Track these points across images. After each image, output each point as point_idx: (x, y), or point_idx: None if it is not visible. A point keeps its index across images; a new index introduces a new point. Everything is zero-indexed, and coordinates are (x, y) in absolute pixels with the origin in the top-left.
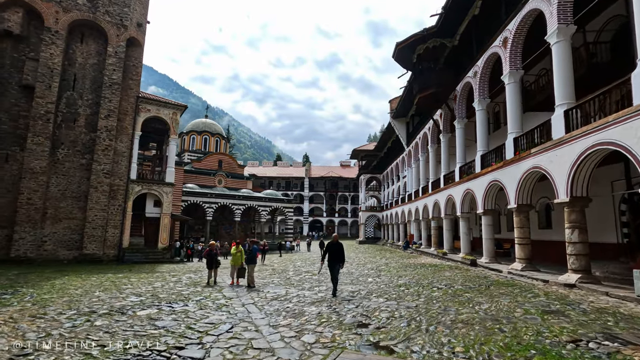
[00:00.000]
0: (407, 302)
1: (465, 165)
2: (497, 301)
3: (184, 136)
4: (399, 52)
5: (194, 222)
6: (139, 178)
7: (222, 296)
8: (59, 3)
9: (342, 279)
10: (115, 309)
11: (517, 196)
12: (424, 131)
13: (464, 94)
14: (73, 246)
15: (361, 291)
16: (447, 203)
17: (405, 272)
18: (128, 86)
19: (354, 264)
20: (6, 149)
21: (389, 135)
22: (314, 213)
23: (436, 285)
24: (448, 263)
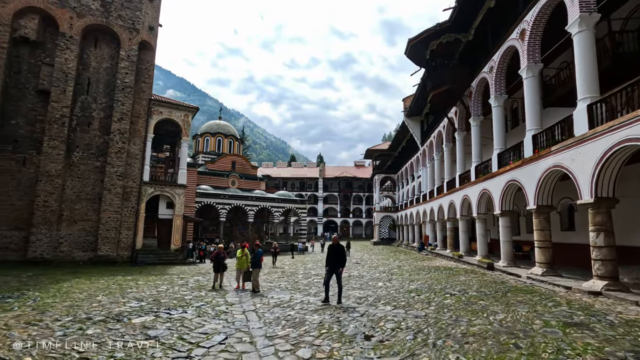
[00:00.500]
0: (416, 310)
1: (481, 164)
2: (514, 310)
3: (198, 138)
4: (412, 49)
5: (208, 224)
6: (152, 180)
7: (224, 302)
8: (73, 9)
9: (351, 282)
10: (112, 316)
11: (536, 196)
12: (439, 129)
13: (479, 91)
14: (88, 247)
15: (369, 297)
16: (463, 204)
17: (418, 276)
18: (140, 89)
19: (366, 266)
20: (24, 152)
21: (403, 135)
22: (328, 214)
23: (449, 291)
24: (463, 266)
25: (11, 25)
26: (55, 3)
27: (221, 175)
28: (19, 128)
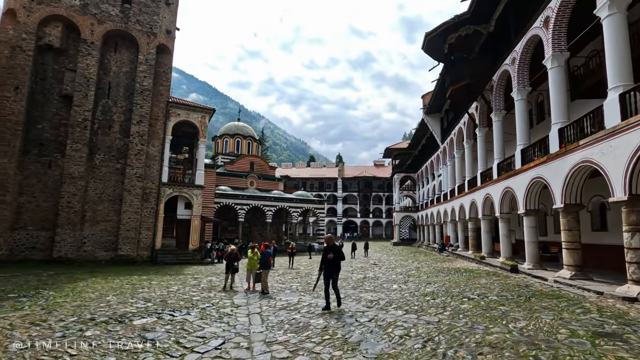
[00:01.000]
0: (429, 315)
1: (503, 161)
2: (537, 318)
3: (218, 139)
4: (429, 43)
5: (228, 224)
6: (170, 181)
7: (231, 304)
8: (94, 15)
9: (365, 285)
10: (115, 317)
11: (563, 194)
12: (459, 126)
13: (501, 84)
14: (109, 247)
15: (380, 300)
16: (485, 203)
17: (436, 278)
18: (159, 92)
19: (383, 267)
20: (49, 155)
21: (423, 132)
22: (348, 214)
23: (467, 295)
24: (485, 268)
25: (36, 34)
26: (77, 10)
27: (240, 176)
28: (44, 132)
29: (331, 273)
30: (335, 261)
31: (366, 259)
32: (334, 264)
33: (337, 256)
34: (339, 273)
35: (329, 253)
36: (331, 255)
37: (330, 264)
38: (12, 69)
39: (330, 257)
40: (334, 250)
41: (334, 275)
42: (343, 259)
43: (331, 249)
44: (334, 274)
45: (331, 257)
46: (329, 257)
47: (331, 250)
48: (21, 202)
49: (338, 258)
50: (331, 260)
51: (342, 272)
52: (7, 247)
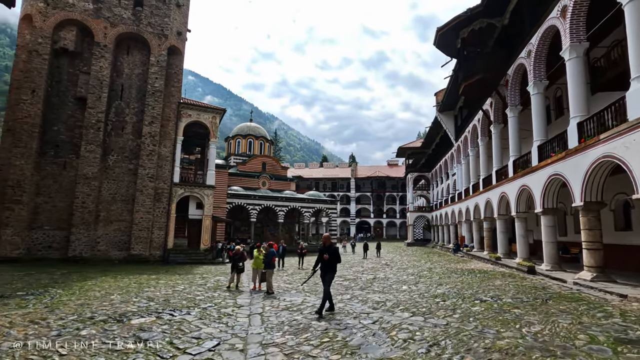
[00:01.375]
0: (437, 318)
1: (520, 158)
2: (554, 322)
3: (230, 140)
4: (441, 38)
5: (240, 224)
6: (182, 181)
7: (233, 304)
8: (107, 19)
9: (374, 285)
10: (115, 316)
11: (583, 192)
12: (473, 123)
13: (516, 78)
14: (123, 247)
15: (388, 302)
16: (500, 201)
17: (449, 279)
18: (170, 93)
19: (395, 268)
20: (64, 157)
21: (437, 131)
22: (361, 214)
23: (480, 297)
24: (501, 269)
25: (52, 38)
26: (91, 14)
27: (252, 177)
28: (59, 134)
29: (325, 274)
30: (331, 262)
31: (378, 260)
32: (329, 265)
33: (332, 257)
34: (333, 275)
35: (325, 253)
36: (327, 255)
37: (325, 264)
38: (29, 73)
39: (326, 258)
40: (329, 251)
41: (328, 276)
42: (339, 261)
43: (327, 250)
44: (328, 276)
45: (327, 257)
46: (324, 258)
47: (327, 251)
48: (38, 203)
49: (334, 259)
50: (326, 261)
51: (351, 273)
52: (24, 246)
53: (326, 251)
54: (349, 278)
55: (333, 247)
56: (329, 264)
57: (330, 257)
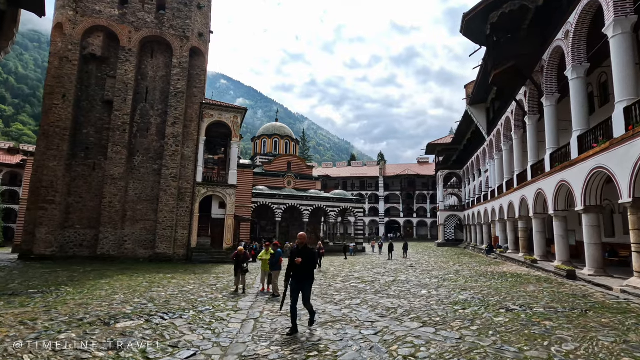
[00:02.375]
0: (450, 330)
1: (557, 151)
2: (593, 339)
3: (256, 140)
4: (468, 25)
5: (266, 224)
6: (205, 181)
7: (233, 307)
8: (131, 23)
9: (391, 289)
10: (105, 318)
11: (632, 187)
12: (506, 116)
13: (553, 63)
14: (148, 246)
15: (399, 308)
16: (537, 199)
17: (475, 283)
18: (192, 94)
19: (419, 270)
20: (93, 158)
21: (467, 126)
22: (390, 213)
23: (507, 306)
24: (537, 273)
25: (81, 44)
26: (116, 20)
27: (277, 176)
28: (89, 136)
29: (299, 283)
30: (305, 267)
31: (404, 261)
32: (304, 271)
33: (307, 261)
34: (311, 285)
35: (297, 256)
36: (299, 259)
37: (298, 271)
38: (60, 79)
39: (299, 262)
40: (304, 254)
41: (304, 286)
42: (314, 266)
43: (300, 252)
44: (303, 285)
45: (299, 261)
46: (296, 262)
47: (300, 254)
48: (70, 203)
49: (309, 264)
50: (299, 267)
51: (371, 274)
52: (57, 244)
53: (299, 254)
54: (367, 280)
55: (310, 249)
56: (303, 271)
57: (303, 262)
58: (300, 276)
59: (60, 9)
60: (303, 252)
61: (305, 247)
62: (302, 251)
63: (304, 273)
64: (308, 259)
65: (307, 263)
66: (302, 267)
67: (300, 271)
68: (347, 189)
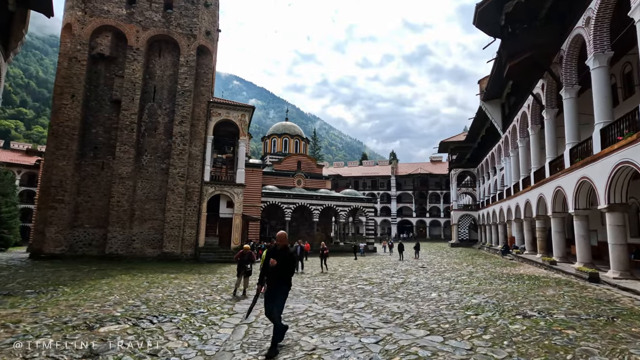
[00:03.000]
0: (459, 339)
1: (578, 146)
2: (623, 352)
3: (266, 140)
4: (481, 16)
5: (275, 223)
6: (212, 180)
7: (228, 310)
8: (139, 23)
9: (399, 291)
10: (92, 321)
11: None
12: (522, 110)
13: (573, 53)
14: (156, 245)
15: (406, 313)
16: (555, 197)
17: (490, 286)
18: (200, 93)
19: (431, 271)
20: (102, 158)
21: (481, 122)
22: (403, 213)
23: (524, 311)
24: (556, 276)
25: (89, 44)
26: (124, 19)
27: (287, 175)
28: (98, 136)
29: (271, 289)
30: (279, 272)
31: (415, 261)
32: (278, 276)
33: (282, 265)
34: (285, 294)
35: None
36: (274, 260)
37: (271, 275)
38: (69, 79)
39: (273, 263)
40: (281, 255)
41: (275, 294)
42: (291, 271)
43: (278, 254)
44: (275, 293)
45: (274, 263)
46: (271, 263)
47: (278, 255)
48: (79, 202)
49: (285, 269)
50: (273, 270)
51: (380, 276)
52: (67, 243)
53: (276, 254)
54: (374, 282)
55: (289, 252)
56: (277, 275)
57: (278, 265)
58: (273, 282)
59: (69, 9)
60: (281, 253)
61: (285, 248)
62: (280, 252)
63: (278, 278)
64: (285, 262)
65: (283, 267)
66: (276, 271)
67: (274, 276)
68: (358, 188)
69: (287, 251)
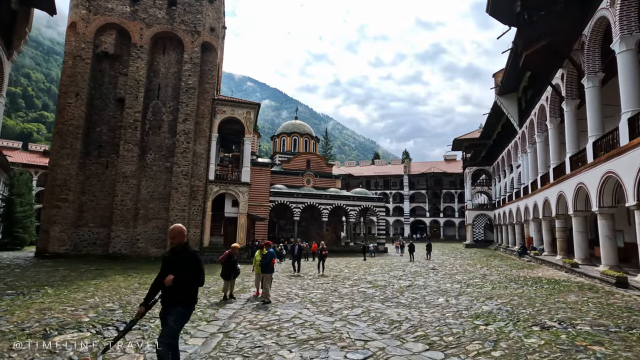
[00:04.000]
0: (463, 357)
1: (602, 138)
2: None
3: (276, 139)
4: (495, 3)
5: (284, 223)
6: (217, 178)
7: (207, 317)
8: (142, 20)
9: (403, 296)
10: (53, 327)
11: None
12: (540, 103)
13: (596, 38)
14: (160, 244)
15: (405, 322)
16: (577, 195)
17: (504, 291)
18: (204, 90)
19: (441, 273)
20: (106, 156)
21: (497, 118)
22: (416, 213)
23: (542, 321)
24: (578, 279)
25: (93, 42)
26: (128, 17)
27: (296, 174)
28: (102, 135)
29: (166, 307)
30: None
31: (426, 262)
32: (174, 289)
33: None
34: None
35: (169, 266)
36: (170, 277)
37: (165, 290)
38: (73, 77)
39: (169, 282)
40: (179, 259)
41: (168, 313)
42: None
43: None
44: (168, 311)
45: (169, 281)
46: (166, 282)
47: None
48: (83, 201)
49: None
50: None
51: (386, 278)
52: (71, 242)
53: (171, 263)
54: (379, 285)
55: (191, 253)
56: (174, 291)
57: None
58: (164, 299)
59: (74, 8)
60: (179, 257)
61: (184, 249)
62: (177, 256)
63: (174, 292)
64: (181, 269)
65: (178, 277)
66: (171, 289)
67: (165, 290)
68: (370, 188)
69: (188, 253)
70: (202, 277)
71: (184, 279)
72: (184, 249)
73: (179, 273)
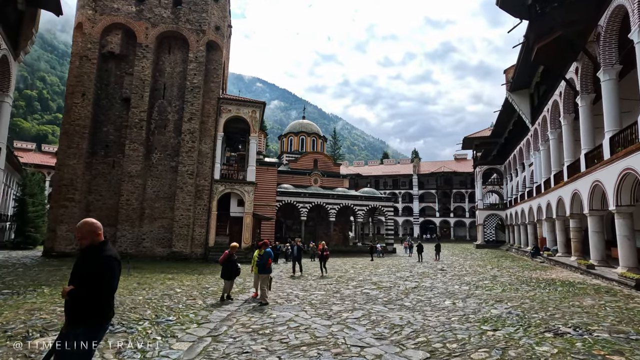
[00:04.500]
0: None
1: (620, 133)
2: None
3: (283, 139)
4: None
5: (291, 223)
6: (222, 178)
7: (199, 319)
8: (148, 19)
9: (407, 298)
10: (36, 329)
11: None
12: (554, 99)
13: (612, 28)
14: (166, 244)
15: (407, 327)
16: (593, 193)
17: (515, 293)
18: (210, 89)
19: (450, 274)
20: (113, 156)
21: (508, 116)
22: (425, 213)
23: (556, 327)
24: (594, 282)
25: (99, 42)
26: (133, 17)
27: (303, 174)
28: (109, 134)
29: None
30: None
31: (435, 263)
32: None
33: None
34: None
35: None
36: (67, 289)
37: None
38: (80, 77)
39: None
40: (87, 262)
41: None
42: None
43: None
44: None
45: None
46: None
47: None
48: (90, 200)
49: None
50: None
51: (392, 279)
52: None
53: (78, 268)
54: (383, 286)
55: (104, 253)
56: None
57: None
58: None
59: (81, 8)
60: (86, 262)
61: (97, 252)
62: (85, 261)
63: (73, 307)
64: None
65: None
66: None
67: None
68: (379, 187)
69: (96, 259)
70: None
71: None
72: (96, 253)
73: (83, 281)
